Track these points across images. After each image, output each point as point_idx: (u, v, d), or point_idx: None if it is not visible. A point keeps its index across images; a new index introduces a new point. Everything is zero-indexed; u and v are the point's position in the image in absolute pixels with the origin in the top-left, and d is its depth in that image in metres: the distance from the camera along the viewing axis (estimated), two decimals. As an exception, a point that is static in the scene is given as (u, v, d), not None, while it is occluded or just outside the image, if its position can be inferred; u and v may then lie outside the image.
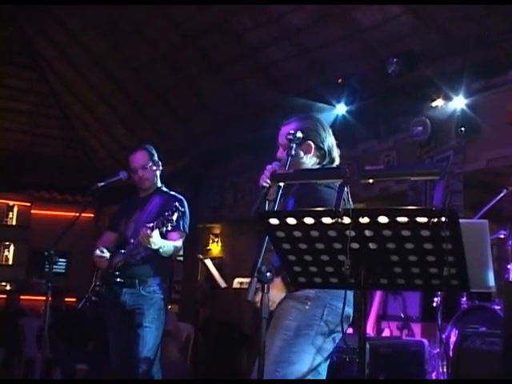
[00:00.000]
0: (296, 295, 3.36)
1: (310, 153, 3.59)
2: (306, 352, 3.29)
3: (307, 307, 3.32)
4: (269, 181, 3.32)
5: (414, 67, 7.30)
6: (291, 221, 2.50)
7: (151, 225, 4.41)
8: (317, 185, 3.36)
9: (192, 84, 10.45)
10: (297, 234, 2.55)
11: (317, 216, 2.46)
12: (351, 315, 3.41)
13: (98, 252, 4.92)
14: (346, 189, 2.68)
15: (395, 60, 7.25)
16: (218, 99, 10.15)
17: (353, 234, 2.49)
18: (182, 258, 10.79)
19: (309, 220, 2.48)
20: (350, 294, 3.24)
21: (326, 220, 2.47)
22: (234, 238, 11.40)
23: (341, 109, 8.03)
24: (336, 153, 3.66)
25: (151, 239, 4.43)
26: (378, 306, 6.75)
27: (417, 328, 6.44)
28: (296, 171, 2.84)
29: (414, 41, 7.38)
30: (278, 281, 3.25)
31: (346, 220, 2.44)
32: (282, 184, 2.87)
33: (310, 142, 3.59)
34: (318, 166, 3.59)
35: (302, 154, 3.56)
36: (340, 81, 7.89)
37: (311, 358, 3.30)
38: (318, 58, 8.41)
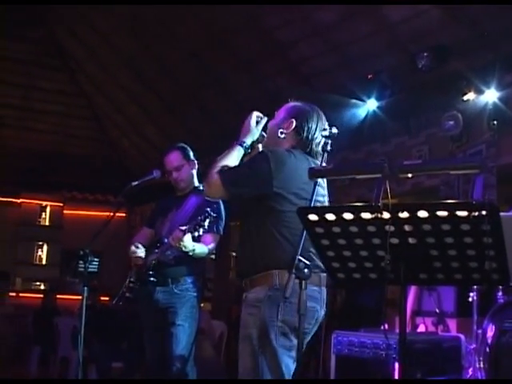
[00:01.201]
0: (248, 300, 3.32)
1: (286, 129, 3.52)
2: (277, 355, 3.20)
3: (260, 310, 3.23)
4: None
5: (445, 61, 7.23)
6: (330, 216, 2.48)
7: (184, 228, 4.39)
8: (264, 152, 3.39)
9: (222, 82, 10.46)
10: (336, 229, 2.53)
11: (356, 211, 2.45)
12: (318, 310, 3.32)
13: (133, 248, 4.92)
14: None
15: (425, 54, 7.19)
16: (248, 97, 10.14)
17: (392, 228, 2.46)
18: (214, 256, 10.79)
19: (348, 215, 2.46)
20: (311, 290, 3.13)
21: (366, 215, 2.44)
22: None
23: (372, 104, 7.99)
24: (318, 151, 3.50)
25: (182, 243, 4.42)
26: (413, 301, 6.70)
27: (452, 323, 6.39)
28: (335, 166, 2.81)
29: (444, 34, 7.31)
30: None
31: (386, 215, 2.42)
32: (319, 180, 2.85)
33: (293, 120, 3.53)
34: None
35: (281, 129, 3.53)
36: (370, 76, 7.85)
37: (284, 358, 3.22)
38: (348, 53, 8.37)
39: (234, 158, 3.45)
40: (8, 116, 11.92)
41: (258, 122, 3.61)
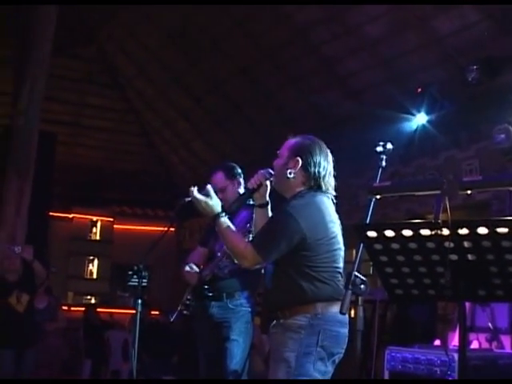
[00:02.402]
0: (288, 325, 3.40)
1: (293, 168, 3.53)
2: (311, 379, 3.31)
3: (302, 336, 3.33)
4: (255, 185, 3.63)
5: (495, 74, 7.15)
6: (389, 233, 2.48)
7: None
8: (285, 211, 3.42)
9: (270, 97, 10.50)
10: (395, 246, 2.53)
11: (415, 228, 2.43)
12: (347, 335, 3.43)
13: (187, 268, 4.96)
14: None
15: (475, 67, 7.13)
16: (297, 112, 10.16)
17: (452, 245, 2.44)
18: (263, 271, 10.77)
19: (407, 232, 2.45)
20: (342, 316, 3.23)
21: (425, 232, 2.43)
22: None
23: (421, 118, 7.94)
24: (328, 182, 3.57)
25: None
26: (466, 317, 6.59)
27: (506, 340, 6.27)
28: (393, 183, 2.80)
29: (494, 47, 7.25)
30: None
31: (445, 231, 2.40)
32: (378, 196, 2.84)
33: (298, 159, 3.53)
34: (302, 188, 3.54)
35: (289, 169, 3.55)
36: (420, 90, 7.81)
37: None
38: (397, 67, 8.34)
39: (232, 235, 3.58)
40: (60, 133, 12.08)
41: (207, 195, 3.64)
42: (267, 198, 3.73)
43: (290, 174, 3.54)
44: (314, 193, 3.52)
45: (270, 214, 3.74)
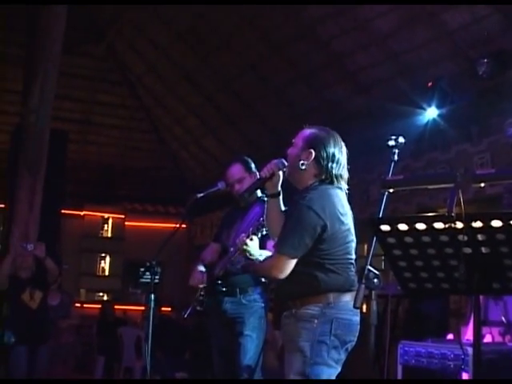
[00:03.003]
0: (301, 315, 3.41)
1: (306, 160, 3.52)
2: (327, 367, 3.35)
3: (315, 325, 3.36)
4: (268, 174, 3.59)
5: (506, 67, 7.11)
6: (403, 227, 2.47)
7: (249, 230, 4.38)
8: (302, 206, 3.41)
9: (280, 93, 10.48)
10: (408, 239, 2.52)
11: (429, 221, 2.42)
12: (359, 322, 3.44)
13: (197, 271, 4.98)
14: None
15: (486, 60, 7.09)
16: (307, 107, 10.14)
17: (465, 238, 2.43)
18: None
19: (420, 226, 2.44)
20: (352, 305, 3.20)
21: (438, 225, 2.42)
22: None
23: (432, 112, 7.90)
24: (341, 175, 3.56)
25: (246, 247, 4.38)
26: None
27: (519, 333, 6.24)
28: (406, 177, 2.79)
29: (504, 40, 7.21)
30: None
31: (459, 225, 2.39)
32: (391, 190, 2.82)
33: (311, 151, 3.53)
34: (313, 180, 3.54)
35: (302, 160, 3.54)
36: (430, 84, 7.77)
37: (333, 371, 3.38)
38: (407, 61, 8.31)
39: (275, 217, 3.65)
40: (71, 130, 12.12)
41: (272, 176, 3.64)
42: (279, 188, 3.70)
43: (303, 165, 3.53)
44: (326, 185, 3.51)
45: (282, 204, 3.72)
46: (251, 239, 4.28)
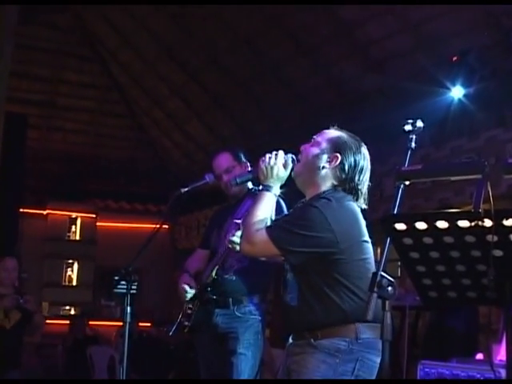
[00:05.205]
0: (324, 346, 3.39)
1: (329, 164, 3.54)
2: (320, 379, 3.35)
3: (337, 361, 3.35)
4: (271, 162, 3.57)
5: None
6: (421, 225, 2.47)
7: (238, 221, 4.37)
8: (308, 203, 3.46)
9: (278, 71, 10.49)
10: (427, 240, 2.52)
11: (452, 219, 2.43)
12: (378, 365, 3.45)
13: (185, 287, 4.96)
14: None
15: (522, 31, 7.12)
16: (309, 87, 10.15)
17: (495, 239, 2.44)
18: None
19: (442, 224, 2.44)
20: (380, 343, 3.20)
21: (463, 223, 2.42)
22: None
23: (457, 92, 7.93)
24: (361, 190, 3.57)
25: (234, 239, 4.38)
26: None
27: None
28: (425, 166, 2.79)
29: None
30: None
31: (488, 223, 2.39)
32: (407, 182, 2.83)
33: (338, 155, 3.54)
34: (329, 188, 3.54)
35: (323, 162, 3.55)
36: (455, 59, 7.79)
37: None
38: (427, 33, 8.32)
39: (267, 209, 3.55)
40: (32, 114, 12.12)
41: (285, 165, 3.61)
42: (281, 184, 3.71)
43: (323, 168, 3.55)
44: (344, 194, 3.52)
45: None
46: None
